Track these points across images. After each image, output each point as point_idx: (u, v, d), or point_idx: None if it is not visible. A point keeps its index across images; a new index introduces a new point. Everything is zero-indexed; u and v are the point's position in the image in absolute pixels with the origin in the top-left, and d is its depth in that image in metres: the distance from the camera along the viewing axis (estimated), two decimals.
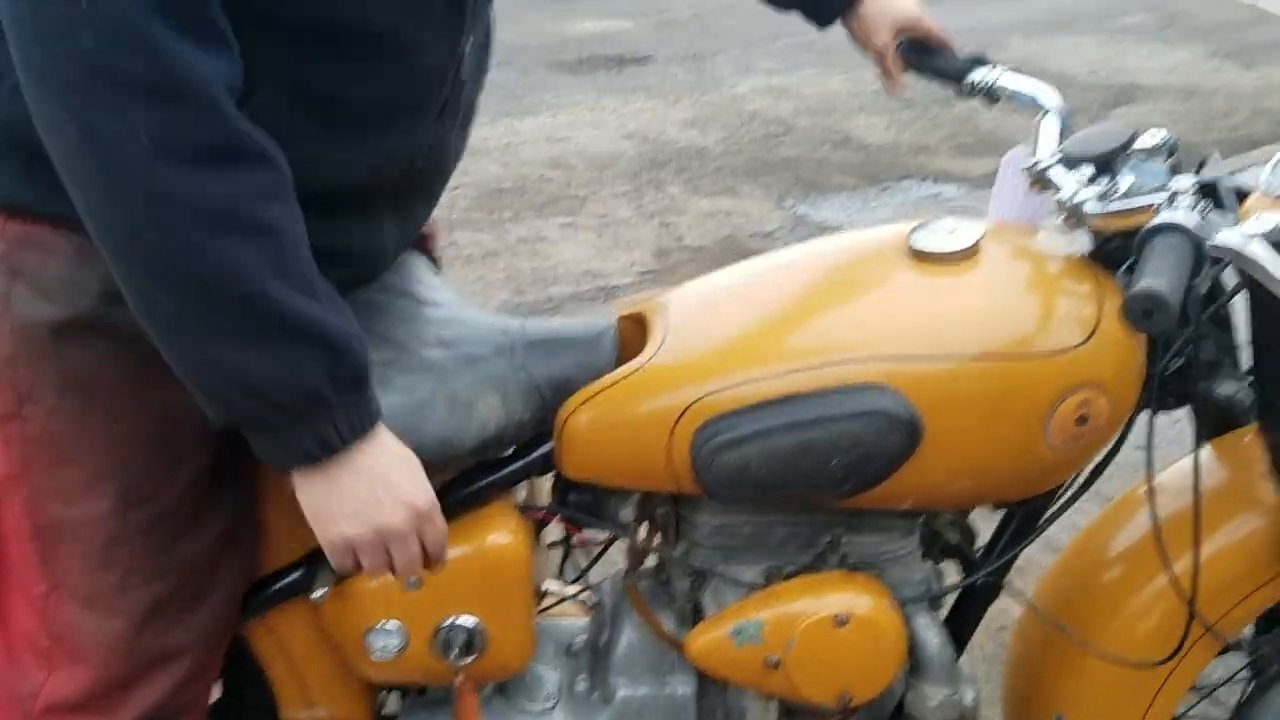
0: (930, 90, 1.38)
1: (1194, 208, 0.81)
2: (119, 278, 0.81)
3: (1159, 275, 0.71)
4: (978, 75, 1.16)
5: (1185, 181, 0.83)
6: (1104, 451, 1.03)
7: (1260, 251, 0.78)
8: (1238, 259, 0.80)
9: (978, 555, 1.12)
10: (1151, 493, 1.01)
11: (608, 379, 1.01)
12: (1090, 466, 1.06)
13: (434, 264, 1.27)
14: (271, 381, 0.82)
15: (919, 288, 0.97)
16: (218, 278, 0.78)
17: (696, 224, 4.07)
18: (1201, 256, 0.77)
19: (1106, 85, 5.39)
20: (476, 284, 3.64)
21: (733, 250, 3.83)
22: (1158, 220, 0.78)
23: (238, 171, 0.78)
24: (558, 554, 1.22)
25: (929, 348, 0.93)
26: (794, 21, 1.33)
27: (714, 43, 6.55)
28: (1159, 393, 0.99)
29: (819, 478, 0.95)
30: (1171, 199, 0.82)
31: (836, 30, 1.31)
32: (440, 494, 0.95)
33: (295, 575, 1.05)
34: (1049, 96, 1.09)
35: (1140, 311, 0.71)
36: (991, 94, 1.15)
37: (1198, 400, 1.01)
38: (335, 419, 0.84)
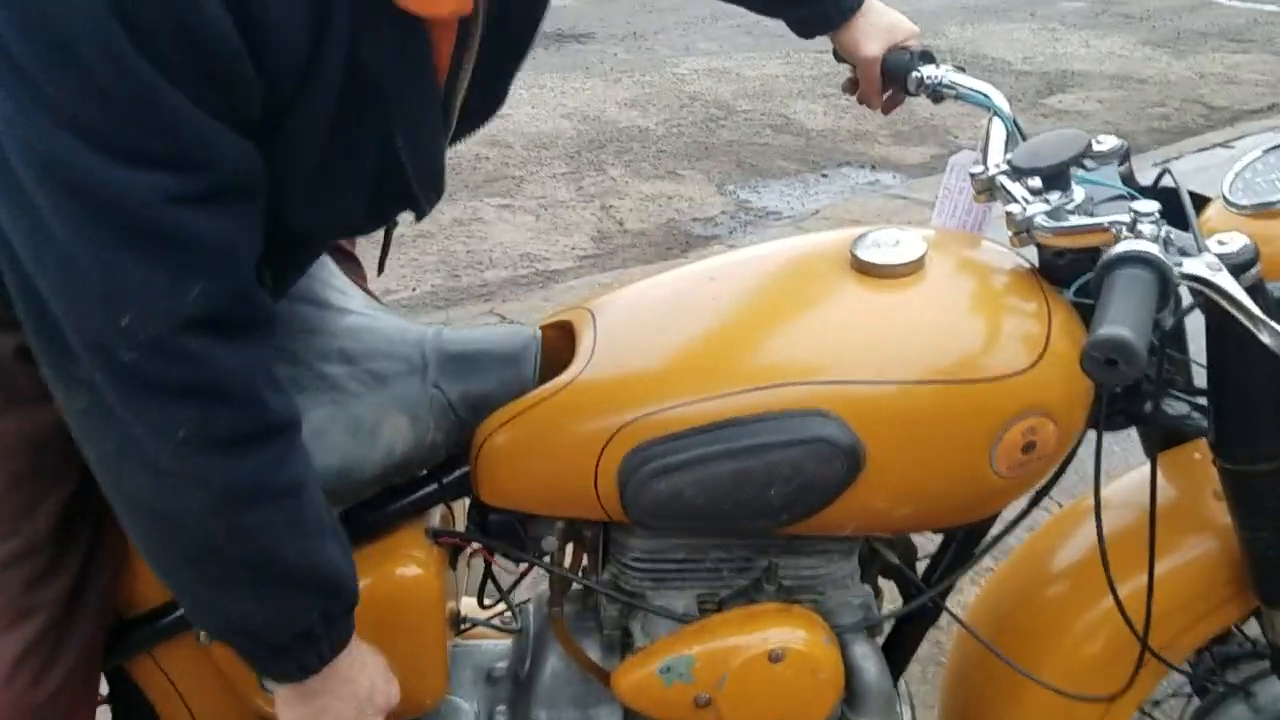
0: None
1: (1158, 235, 0.75)
2: (130, 532, 0.80)
3: (1122, 320, 0.64)
4: (925, 73, 1.11)
5: (1148, 205, 0.77)
6: (1049, 473, 0.98)
7: (1229, 283, 0.72)
8: (1206, 289, 0.74)
9: (919, 574, 1.08)
10: (1099, 511, 0.96)
11: (530, 397, 0.94)
12: (1035, 488, 1.01)
13: (352, 260, 1.19)
14: (269, 626, 0.83)
15: (862, 305, 0.91)
16: (237, 546, 0.78)
17: (638, 208, 3.98)
18: (1168, 289, 0.71)
19: (1041, 73, 5.42)
20: (407, 267, 3.51)
21: (675, 235, 3.76)
22: (1121, 249, 0.72)
23: (264, 448, 0.78)
24: (480, 567, 1.14)
25: (872, 372, 0.87)
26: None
27: (654, 21, 6.44)
28: (1108, 412, 0.95)
29: (756, 507, 0.89)
30: (1134, 224, 0.76)
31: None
32: (342, 519, 0.88)
33: (180, 612, 0.96)
34: (998, 98, 1.05)
35: (1103, 361, 0.64)
36: (937, 93, 1.11)
37: (1149, 420, 0.97)
38: (320, 648, 0.85)
